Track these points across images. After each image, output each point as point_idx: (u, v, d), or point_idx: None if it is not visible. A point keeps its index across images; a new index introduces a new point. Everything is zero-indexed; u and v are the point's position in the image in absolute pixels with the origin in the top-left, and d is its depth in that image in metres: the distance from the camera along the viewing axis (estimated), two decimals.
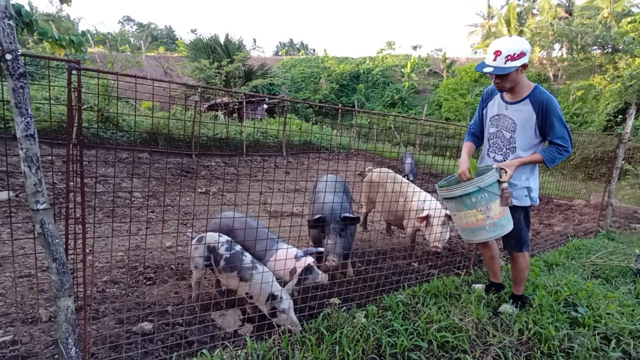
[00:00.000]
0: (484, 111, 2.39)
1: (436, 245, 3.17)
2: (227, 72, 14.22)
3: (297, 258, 2.41)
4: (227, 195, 5.72)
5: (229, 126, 9.42)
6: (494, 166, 2.10)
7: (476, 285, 2.77)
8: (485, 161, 2.42)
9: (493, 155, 2.32)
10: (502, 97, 2.26)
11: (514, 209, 2.22)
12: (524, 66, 2.06)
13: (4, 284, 2.67)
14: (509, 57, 1.96)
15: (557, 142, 2.08)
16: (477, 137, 2.47)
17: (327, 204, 2.83)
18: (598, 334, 2.23)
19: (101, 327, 2.20)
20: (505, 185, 2.05)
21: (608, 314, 2.42)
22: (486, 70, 2.03)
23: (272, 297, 2.17)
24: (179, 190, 5.77)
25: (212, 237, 2.42)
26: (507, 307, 2.42)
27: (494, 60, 2.01)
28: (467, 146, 2.42)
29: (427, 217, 3.26)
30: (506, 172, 2.06)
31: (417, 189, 3.52)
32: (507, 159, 2.23)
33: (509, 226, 2.13)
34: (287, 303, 2.17)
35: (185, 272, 3.13)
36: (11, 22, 1.37)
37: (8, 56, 1.36)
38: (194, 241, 2.44)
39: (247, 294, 2.27)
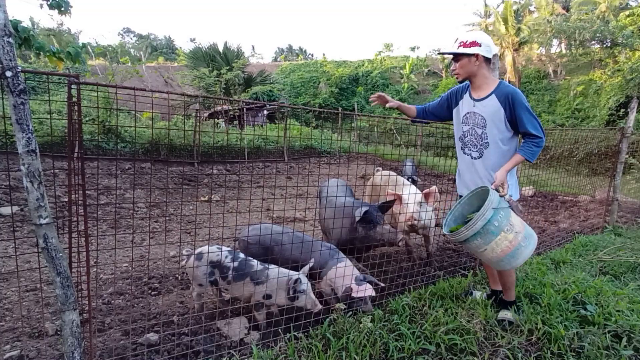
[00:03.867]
0: (455, 108, 2.43)
1: (411, 218, 3.06)
2: (227, 79, 14.30)
3: (357, 281, 2.37)
4: (230, 203, 5.73)
5: (230, 134, 9.46)
6: (491, 187, 2.04)
7: (476, 293, 2.68)
8: (462, 158, 2.41)
9: (469, 152, 2.33)
10: (470, 95, 2.31)
11: None
12: (485, 60, 2.18)
13: (10, 298, 2.68)
14: (462, 44, 2.18)
15: (530, 131, 2.09)
16: (425, 112, 2.56)
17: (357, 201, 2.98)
18: (608, 332, 2.19)
19: (107, 339, 2.19)
20: (508, 196, 2.03)
21: (618, 311, 2.38)
22: (442, 51, 2.31)
23: (293, 281, 2.22)
24: (181, 199, 5.79)
25: (212, 251, 2.35)
26: (507, 314, 2.35)
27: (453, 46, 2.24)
28: (409, 106, 2.62)
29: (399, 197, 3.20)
30: (502, 186, 2.05)
31: (409, 189, 3.47)
32: (482, 155, 2.25)
33: (533, 232, 2.08)
34: (305, 284, 2.24)
35: (189, 281, 3.13)
36: (11, 39, 1.39)
37: (8, 73, 1.38)
38: (192, 258, 2.36)
39: (264, 296, 2.26)
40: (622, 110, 14.62)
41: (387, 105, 2.51)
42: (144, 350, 2.06)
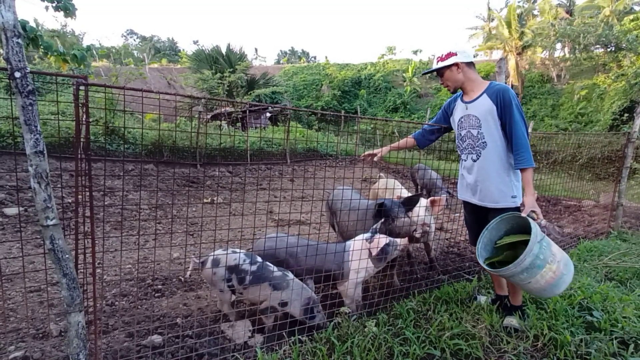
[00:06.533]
0: (451, 118, 2.48)
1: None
2: (230, 82, 14.37)
3: (368, 240, 2.45)
4: (233, 205, 5.73)
5: (235, 136, 9.48)
6: (524, 215, 2.00)
7: (481, 298, 2.66)
8: (462, 163, 2.40)
9: (468, 156, 2.32)
10: (462, 100, 2.35)
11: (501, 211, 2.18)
12: (468, 65, 2.24)
13: (14, 299, 2.68)
14: (439, 58, 2.28)
15: (514, 140, 2.09)
16: (425, 133, 2.61)
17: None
18: (615, 338, 2.17)
19: (111, 340, 2.19)
20: (544, 222, 1.99)
21: (624, 317, 2.36)
22: (424, 72, 2.42)
23: (311, 300, 2.24)
24: (187, 201, 5.79)
25: (223, 257, 2.32)
26: (512, 321, 2.32)
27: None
28: (403, 140, 2.67)
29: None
30: (534, 211, 2.00)
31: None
32: (480, 156, 2.25)
33: (568, 257, 2.03)
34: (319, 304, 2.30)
35: (193, 283, 3.12)
36: (20, 40, 1.39)
37: (17, 74, 1.38)
38: (208, 264, 2.33)
39: (280, 302, 2.25)
40: (626, 114, 14.57)
41: (376, 158, 2.56)
42: (148, 352, 2.05)
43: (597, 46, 17.59)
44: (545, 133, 6.32)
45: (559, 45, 22.14)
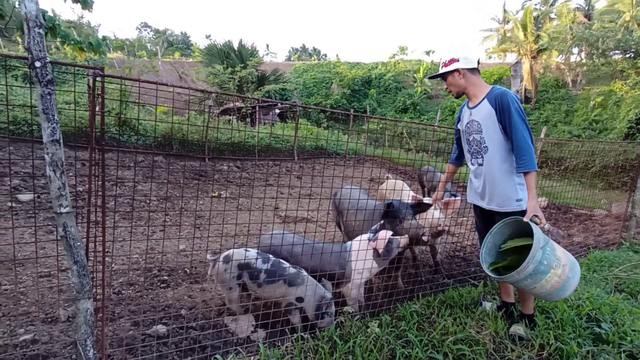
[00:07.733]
0: (459, 124, 2.50)
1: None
2: (241, 77, 14.40)
3: (370, 240, 2.46)
4: (240, 200, 5.76)
5: (244, 131, 9.52)
6: (525, 219, 1.98)
7: (486, 304, 2.64)
8: (470, 168, 2.41)
9: (477, 161, 2.34)
10: (467, 106, 2.37)
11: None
12: (470, 70, 2.25)
13: (25, 283, 2.75)
14: (443, 64, 2.33)
15: (516, 143, 2.06)
16: (458, 154, 2.65)
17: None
18: (623, 351, 2.14)
19: (117, 328, 2.22)
20: (547, 226, 1.99)
21: (634, 330, 2.32)
22: (429, 76, 2.51)
23: (324, 299, 2.24)
24: (196, 194, 5.84)
25: (239, 254, 2.30)
26: (518, 329, 2.29)
27: None
28: (448, 173, 2.76)
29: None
30: (537, 215, 1.99)
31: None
32: (484, 160, 2.27)
33: (575, 259, 2.01)
34: (333, 306, 2.30)
35: (198, 275, 3.16)
36: (41, 30, 1.41)
37: (37, 64, 1.41)
38: (220, 260, 2.30)
39: (298, 298, 2.25)
40: None
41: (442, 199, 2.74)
42: (152, 341, 2.08)
43: (616, 51, 17.18)
44: (557, 139, 6.22)
45: (575, 50, 21.69)
